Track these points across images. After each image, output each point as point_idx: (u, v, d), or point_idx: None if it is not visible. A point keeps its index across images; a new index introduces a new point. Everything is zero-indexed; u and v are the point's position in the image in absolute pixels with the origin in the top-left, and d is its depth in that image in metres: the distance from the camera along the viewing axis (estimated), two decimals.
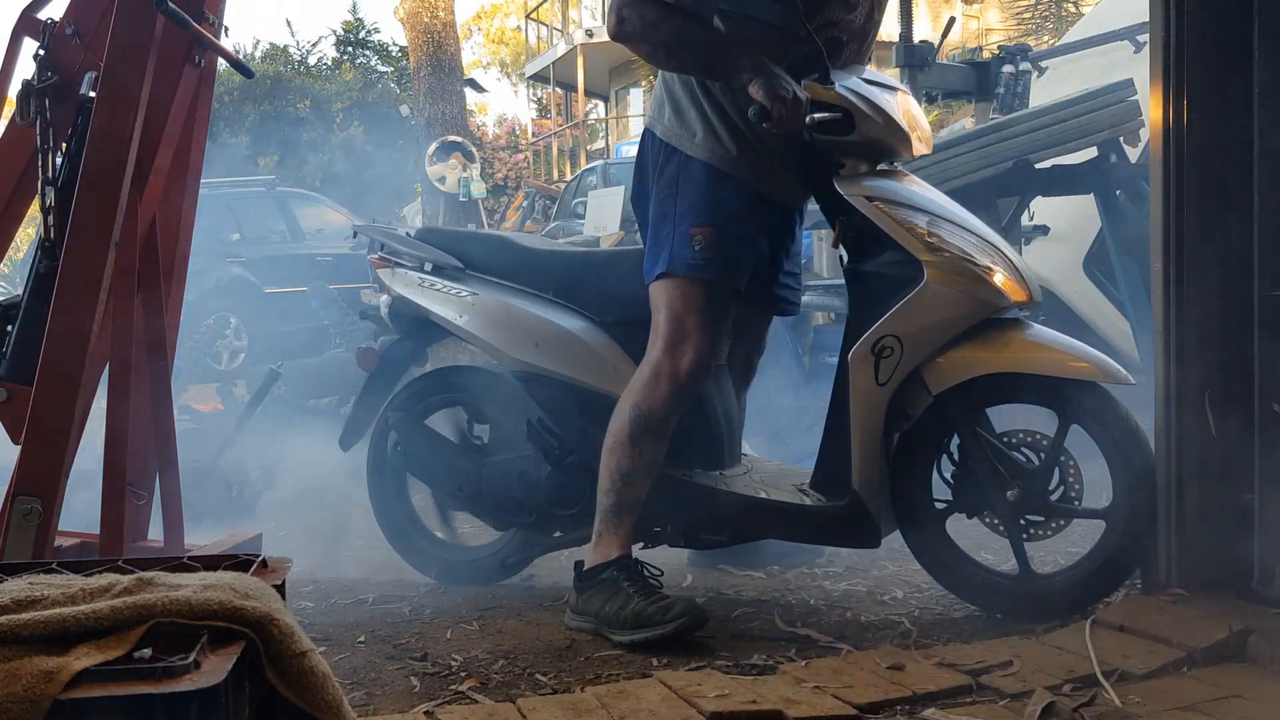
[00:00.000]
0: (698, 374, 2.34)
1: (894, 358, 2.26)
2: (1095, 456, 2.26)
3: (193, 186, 2.48)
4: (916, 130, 2.34)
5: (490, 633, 2.33)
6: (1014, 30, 13.73)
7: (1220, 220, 2.19)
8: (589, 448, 2.45)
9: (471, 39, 33.05)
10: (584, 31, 19.52)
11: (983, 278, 2.25)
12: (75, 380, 2.04)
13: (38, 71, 2.20)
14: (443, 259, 2.69)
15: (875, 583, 2.61)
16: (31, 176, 2.21)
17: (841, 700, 1.81)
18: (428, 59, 14.12)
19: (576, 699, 1.86)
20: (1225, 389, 2.18)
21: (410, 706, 1.90)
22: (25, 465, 2.02)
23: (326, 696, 1.08)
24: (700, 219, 2.31)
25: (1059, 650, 2.01)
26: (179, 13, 2.14)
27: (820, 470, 2.41)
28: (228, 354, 8.93)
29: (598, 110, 24.20)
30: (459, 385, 2.72)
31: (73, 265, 2.06)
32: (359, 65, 20.45)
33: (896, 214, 2.26)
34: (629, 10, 2.23)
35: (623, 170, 10.79)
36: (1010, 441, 2.30)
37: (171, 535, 2.37)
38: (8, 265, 10.22)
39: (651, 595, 2.25)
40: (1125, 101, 3.77)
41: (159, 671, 0.95)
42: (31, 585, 1.08)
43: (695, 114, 2.34)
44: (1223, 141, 2.19)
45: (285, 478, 3.48)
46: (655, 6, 2.21)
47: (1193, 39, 2.19)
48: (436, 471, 2.70)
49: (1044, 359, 2.24)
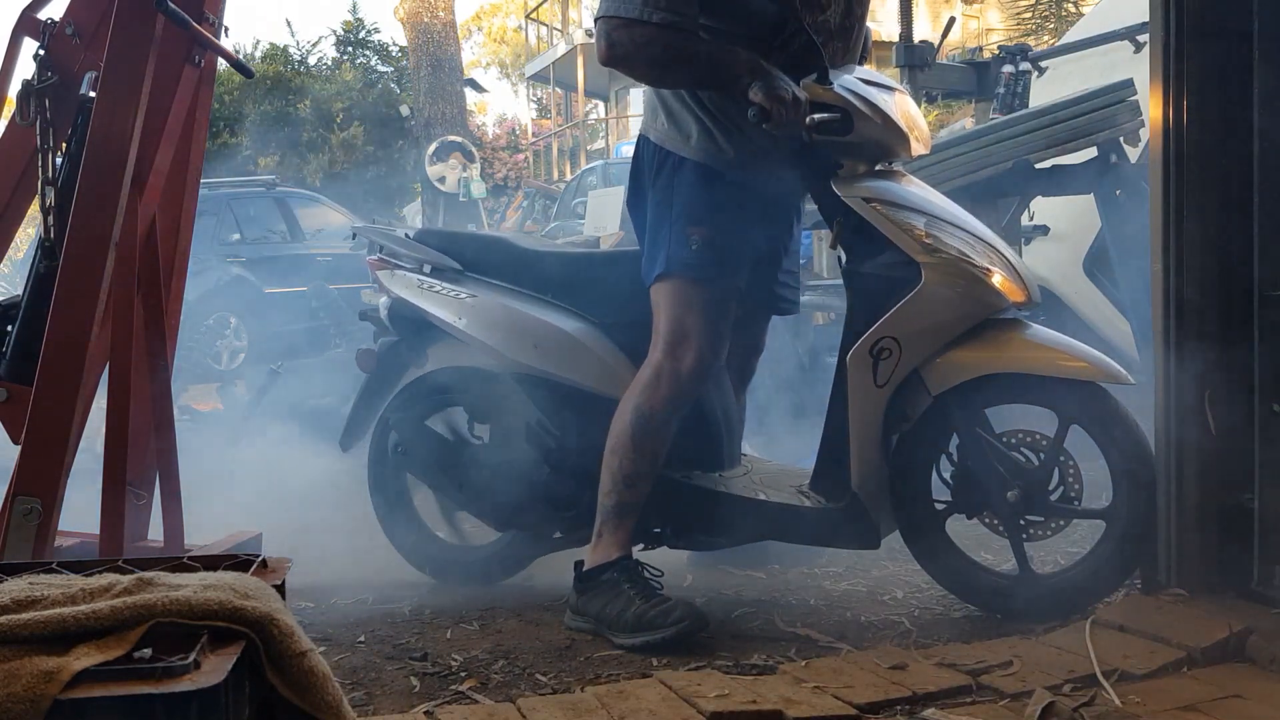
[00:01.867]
0: (699, 375, 2.34)
1: (893, 359, 2.26)
2: (1095, 456, 2.26)
3: (193, 186, 2.48)
4: (915, 131, 2.34)
5: (490, 633, 2.34)
6: (1014, 30, 13.75)
7: (1220, 220, 2.19)
8: (588, 449, 2.45)
9: (471, 39, 33.08)
10: (584, 31, 19.51)
11: (981, 279, 2.25)
12: (75, 380, 2.04)
13: (38, 71, 2.21)
14: (441, 260, 2.69)
15: (875, 583, 2.61)
16: (31, 176, 2.21)
17: (841, 700, 1.81)
18: (428, 59, 14.13)
19: (576, 699, 1.86)
20: (1225, 389, 2.18)
21: (410, 706, 1.90)
22: (25, 465, 2.02)
23: (326, 696, 1.08)
24: (697, 219, 2.32)
25: (1059, 650, 2.01)
26: (179, 13, 2.14)
27: (820, 471, 2.41)
28: (228, 354, 8.92)
29: (598, 110, 24.21)
30: (458, 386, 2.71)
31: (73, 265, 2.06)
32: (359, 65, 20.43)
33: (894, 215, 2.26)
34: (619, 34, 2.22)
35: (623, 170, 10.75)
36: (1010, 441, 2.30)
37: (171, 535, 2.37)
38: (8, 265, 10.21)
39: (652, 598, 2.25)
40: (1125, 101, 3.77)
41: (159, 671, 0.95)
42: (31, 585, 1.08)
43: (688, 117, 2.34)
44: (1223, 141, 2.19)
45: (285, 478, 3.47)
46: (645, 27, 2.20)
47: (1193, 39, 2.19)
48: (436, 472, 2.70)
49: (1043, 359, 2.24)
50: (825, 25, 2.34)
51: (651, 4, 2.18)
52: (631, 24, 2.21)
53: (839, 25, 2.37)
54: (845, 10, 2.37)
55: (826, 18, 2.34)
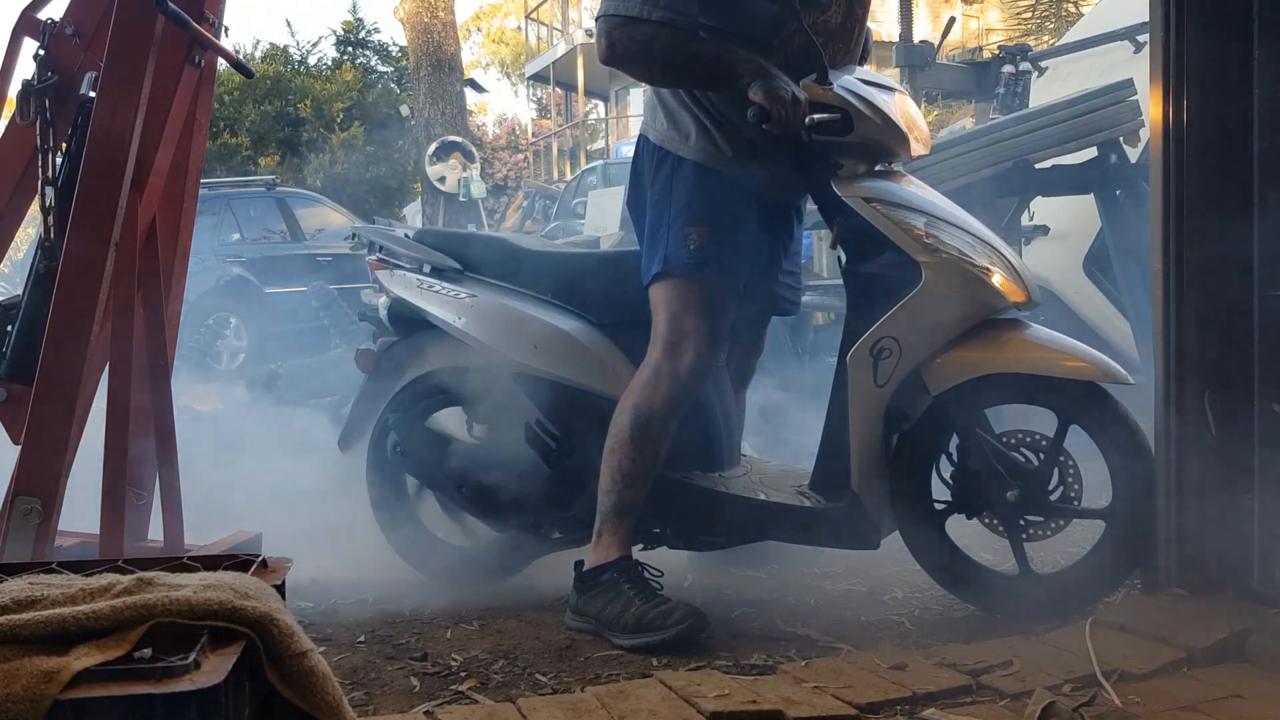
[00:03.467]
0: (698, 374, 2.34)
1: (893, 359, 2.26)
2: (1095, 456, 2.26)
3: (193, 186, 2.48)
4: (914, 131, 2.34)
5: (490, 633, 2.34)
6: (1014, 30, 13.75)
7: (1220, 220, 2.19)
8: (588, 449, 2.45)
9: (471, 39, 33.06)
10: (584, 31, 19.52)
11: (981, 278, 2.25)
12: (75, 380, 2.04)
13: (38, 71, 2.21)
14: (441, 260, 2.69)
15: (875, 583, 2.61)
16: (31, 176, 2.21)
17: (841, 700, 1.81)
18: (428, 59, 14.12)
19: (576, 699, 1.86)
20: (1225, 389, 2.18)
21: (410, 706, 1.90)
22: (25, 465, 2.02)
23: (326, 696, 1.08)
24: (695, 218, 2.32)
25: (1059, 650, 2.01)
26: (179, 13, 2.14)
27: (820, 471, 2.41)
28: (228, 354, 8.93)
29: (598, 110, 24.21)
30: (458, 386, 2.71)
31: (73, 265, 2.06)
32: (359, 65, 20.44)
33: (894, 215, 2.26)
34: (618, 33, 2.22)
35: (623, 170, 10.78)
36: (1010, 441, 2.30)
37: (171, 535, 2.37)
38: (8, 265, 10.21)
39: (652, 599, 2.25)
40: (1125, 101, 3.77)
41: (159, 671, 0.95)
42: (31, 585, 1.09)
43: (688, 117, 2.34)
44: (1223, 141, 2.19)
45: (285, 478, 3.47)
46: (645, 25, 2.20)
47: (1193, 38, 2.19)
48: (436, 472, 2.69)
49: (1043, 359, 2.24)
50: (826, 25, 2.33)
51: (651, 2, 2.18)
52: (631, 22, 2.21)
53: (840, 25, 2.37)
54: (846, 11, 2.37)
55: (828, 18, 2.34)
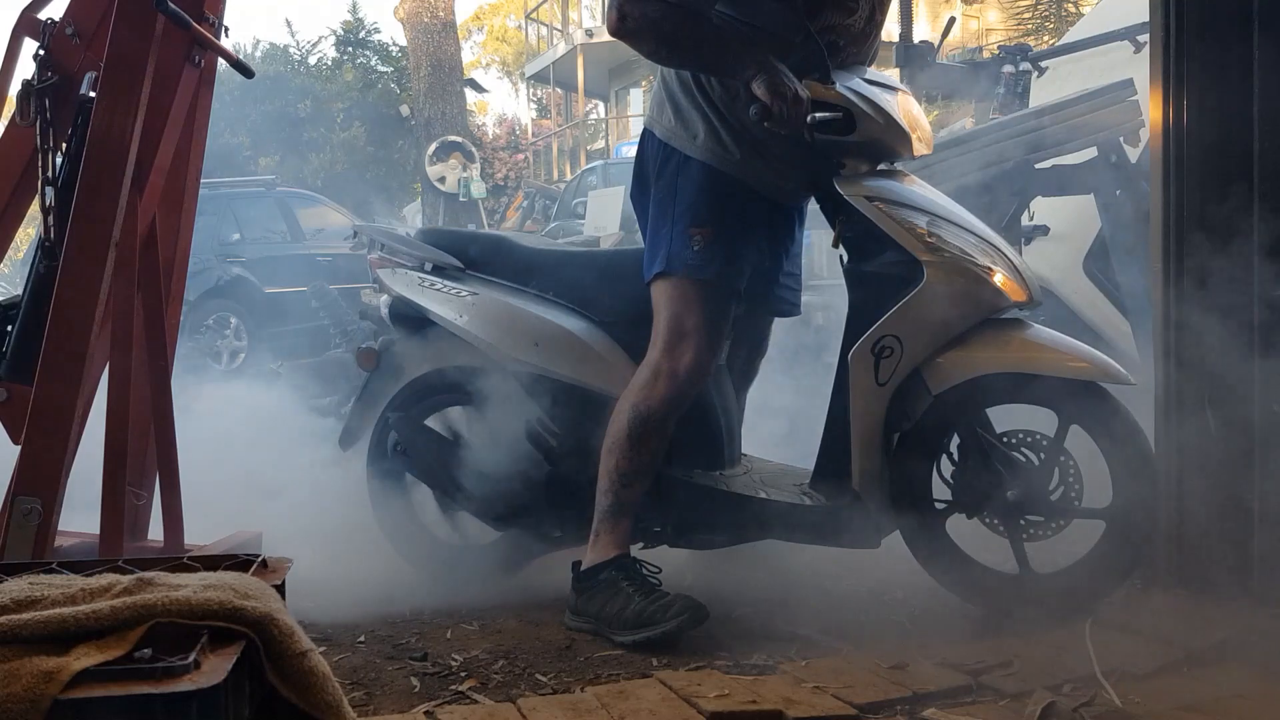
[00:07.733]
0: (697, 374, 2.34)
1: (894, 358, 2.26)
2: (1095, 456, 2.25)
3: (193, 186, 2.48)
4: (917, 130, 2.34)
5: (490, 633, 2.33)
6: (1014, 30, 13.74)
7: (1220, 221, 2.19)
8: (588, 448, 2.45)
9: (471, 39, 33.07)
10: (584, 31, 19.54)
11: (983, 278, 2.25)
12: (75, 380, 2.04)
13: (38, 71, 2.20)
14: (442, 259, 2.69)
15: (875, 583, 2.61)
16: (31, 176, 2.21)
17: (841, 700, 1.81)
18: (428, 59, 14.13)
19: (576, 699, 1.86)
20: (1225, 389, 2.18)
21: (410, 706, 1.90)
22: (25, 465, 2.02)
23: (326, 696, 1.08)
24: (699, 219, 2.31)
25: (1059, 650, 2.01)
26: (179, 13, 2.14)
27: (820, 470, 2.41)
28: (228, 354, 8.93)
29: (598, 110, 24.21)
30: (459, 385, 2.71)
31: (73, 265, 2.06)
32: (359, 65, 20.45)
33: (896, 214, 2.26)
34: (630, 6, 2.22)
35: (623, 170, 10.79)
36: (1010, 441, 2.30)
37: (171, 535, 2.37)
38: (8, 265, 10.22)
39: (651, 594, 2.25)
40: (1125, 101, 3.76)
41: (159, 671, 0.95)
42: (31, 585, 1.08)
43: (696, 115, 2.34)
44: (1223, 141, 2.19)
45: (285, 478, 3.47)
46: (657, 3, 2.20)
47: (1193, 38, 2.19)
48: (436, 471, 2.69)
49: (1044, 359, 2.24)
50: (850, 29, 2.34)
51: None
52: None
53: (861, 30, 2.38)
54: (869, 15, 2.38)
55: (852, 22, 2.34)
